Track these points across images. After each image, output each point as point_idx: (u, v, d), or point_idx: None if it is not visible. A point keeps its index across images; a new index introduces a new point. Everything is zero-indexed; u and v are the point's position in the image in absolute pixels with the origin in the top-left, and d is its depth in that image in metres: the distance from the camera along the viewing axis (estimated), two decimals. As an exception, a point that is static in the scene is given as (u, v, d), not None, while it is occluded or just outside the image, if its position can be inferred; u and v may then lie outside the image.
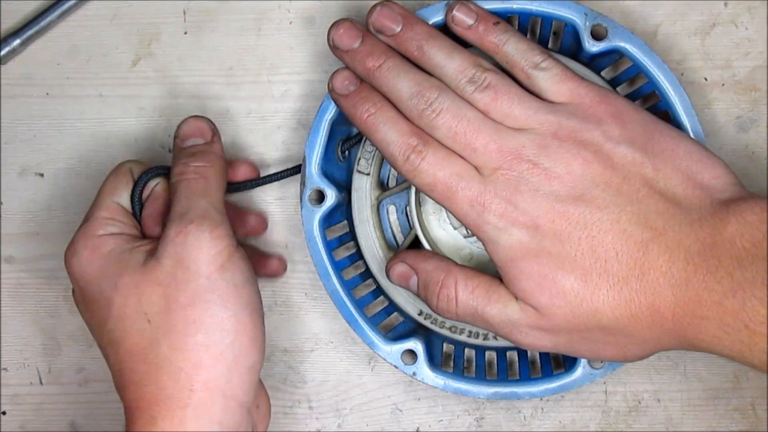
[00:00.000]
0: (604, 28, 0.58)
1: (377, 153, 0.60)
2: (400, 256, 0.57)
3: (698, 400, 0.63)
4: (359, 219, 0.60)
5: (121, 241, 0.55)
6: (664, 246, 0.51)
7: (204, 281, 0.53)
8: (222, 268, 0.53)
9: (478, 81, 0.54)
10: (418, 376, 0.59)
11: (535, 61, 0.54)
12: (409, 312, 0.60)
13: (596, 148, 0.53)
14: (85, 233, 0.56)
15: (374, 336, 0.59)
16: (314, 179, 0.59)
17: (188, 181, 0.56)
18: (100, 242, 0.55)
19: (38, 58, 0.65)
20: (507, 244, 0.53)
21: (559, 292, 0.52)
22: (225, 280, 0.53)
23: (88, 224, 0.56)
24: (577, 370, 0.58)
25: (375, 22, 0.56)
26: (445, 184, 0.53)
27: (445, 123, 0.53)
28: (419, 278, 0.56)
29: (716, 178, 0.53)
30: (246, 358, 0.54)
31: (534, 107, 0.54)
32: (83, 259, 0.55)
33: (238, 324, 0.53)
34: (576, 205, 0.52)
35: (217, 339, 0.53)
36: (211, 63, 0.65)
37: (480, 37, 0.56)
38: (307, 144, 0.59)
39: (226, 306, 0.53)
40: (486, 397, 0.59)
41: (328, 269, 0.60)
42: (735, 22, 0.63)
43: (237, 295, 0.53)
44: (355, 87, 0.56)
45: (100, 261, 0.55)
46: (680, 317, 0.50)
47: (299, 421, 0.64)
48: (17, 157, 0.65)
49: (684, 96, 0.58)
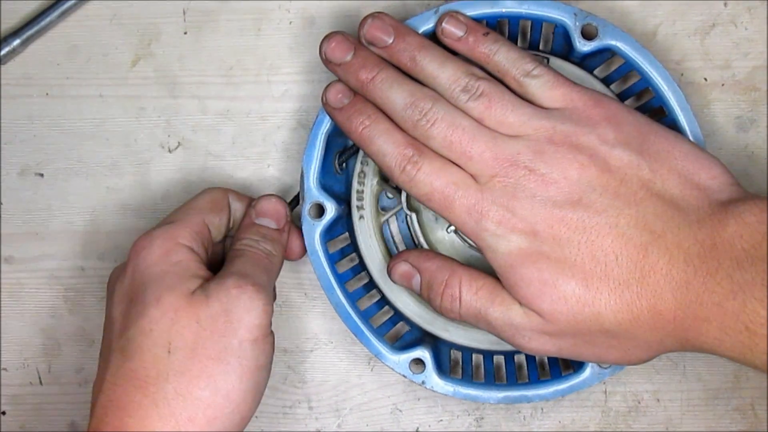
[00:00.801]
0: (594, 27, 0.58)
1: (371, 188, 0.60)
2: (403, 255, 0.57)
3: (698, 400, 0.63)
4: (360, 230, 0.60)
5: (191, 260, 0.55)
6: (663, 248, 0.51)
7: (236, 344, 0.53)
8: (255, 342, 0.53)
9: (472, 89, 0.54)
10: (427, 385, 0.59)
11: (526, 69, 0.54)
12: (416, 321, 0.60)
13: (592, 151, 0.53)
14: (168, 234, 0.55)
15: (381, 347, 0.59)
16: (313, 193, 0.59)
17: (256, 254, 0.56)
18: (175, 249, 0.55)
19: (38, 58, 0.65)
20: (506, 250, 0.53)
21: (561, 297, 0.52)
22: (254, 354, 0.53)
23: (175, 228, 0.56)
24: (585, 370, 0.58)
25: (367, 34, 0.56)
26: (442, 193, 0.53)
27: (440, 132, 0.54)
28: (422, 278, 0.56)
29: (713, 178, 0.53)
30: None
31: (528, 113, 0.53)
32: (154, 257, 0.55)
33: (243, 401, 0.53)
34: (574, 209, 0.52)
35: (220, 404, 0.52)
36: (211, 63, 0.65)
37: (470, 48, 0.56)
38: (304, 158, 0.59)
39: (242, 378, 0.53)
40: (496, 402, 0.59)
41: (332, 282, 0.59)
42: (735, 22, 0.63)
43: (256, 373, 0.53)
44: (348, 100, 0.56)
45: (165, 267, 0.54)
46: (681, 319, 0.50)
47: (299, 421, 0.64)
48: (17, 157, 0.65)
49: (678, 91, 0.58)
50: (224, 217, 0.59)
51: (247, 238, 0.57)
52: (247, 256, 0.56)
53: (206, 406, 0.52)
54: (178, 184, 0.64)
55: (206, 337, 0.52)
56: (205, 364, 0.52)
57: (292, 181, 0.64)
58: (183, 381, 0.52)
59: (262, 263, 0.56)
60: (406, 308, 0.60)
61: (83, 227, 0.64)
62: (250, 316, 0.53)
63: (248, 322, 0.53)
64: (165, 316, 0.52)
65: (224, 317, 0.53)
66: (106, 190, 0.65)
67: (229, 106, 0.64)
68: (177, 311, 0.53)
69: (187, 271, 0.54)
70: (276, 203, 0.59)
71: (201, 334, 0.52)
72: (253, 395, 0.53)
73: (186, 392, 0.52)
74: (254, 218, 0.58)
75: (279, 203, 0.59)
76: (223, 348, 0.52)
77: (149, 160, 0.65)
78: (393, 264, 0.57)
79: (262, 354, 0.54)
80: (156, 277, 0.54)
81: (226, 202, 0.59)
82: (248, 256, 0.56)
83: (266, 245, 0.57)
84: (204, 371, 0.52)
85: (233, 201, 0.60)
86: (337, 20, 0.64)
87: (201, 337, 0.52)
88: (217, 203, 0.59)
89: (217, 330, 0.52)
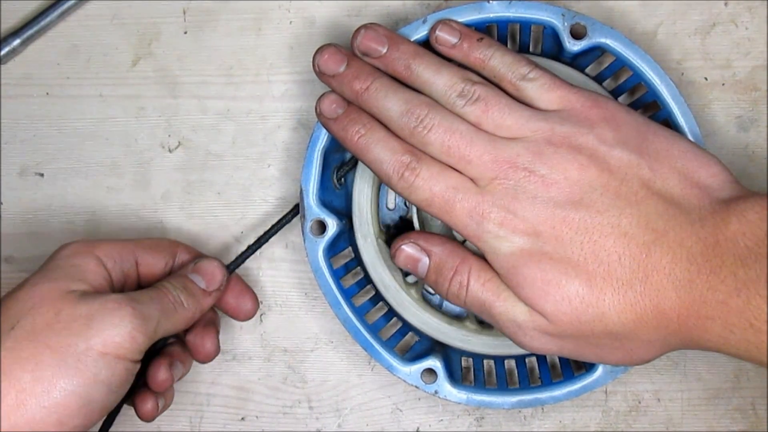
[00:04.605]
0: (583, 26, 0.58)
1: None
2: (411, 236, 0.56)
3: (698, 400, 0.63)
4: (363, 244, 0.60)
5: (91, 270, 0.55)
6: (666, 247, 0.51)
7: (83, 347, 0.51)
8: (104, 356, 0.52)
9: (468, 94, 0.54)
10: (440, 394, 0.59)
11: (522, 73, 0.54)
12: (426, 331, 0.60)
13: (591, 152, 0.53)
14: (90, 243, 0.57)
15: (392, 359, 0.59)
16: (313, 210, 0.59)
17: (164, 294, 0.55)
18: (84, 255, 0.56)
19: (38, 58, 0.65)
20: (508, 251, 0.53)
21: (564, 297, 0.52)
22: (96, 365, 0.51)
23: (100, 241, 0.57)
24: (597, 370, 0.58)
25: (360, 45, 0.56)
26: (442, 197, 0.53)
27: (438, 138, 0.53)
28: (432, 261, 0.55)
29: (713, 176, 0.53)
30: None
31: (526, 116, 0.53)
32: (64, 252, 0.56)
33: (64, 404, 0.51)
34: (576, 210, 0.52)
35: (38, 393, 0.51)
36: (211, 63, 0.65)
37: (465, 54, 0.56)
38: (303, 176, 0.59)
39: (72, 381, 0.51)
40: (510, 407, 0.59)
41: (338, 298, 0.59)
42: (735, 21, 0.63)
43: (92, 385, 0.51)
44: (343, 110, 0.56)
45: (63, 263, 0.55)
46: (685, 318, 0.50)
47: (299, 421, 0.64)
48: (17, 157, 0.65)
49: (670, 84, 0.58)
50: (160, 260, 0.59)
51: (169, 282, 0.57)
52: (154, 291, 0.56)
53: (21, 389, 0.51)
54: (178, 184, 0.64)
55: (56, 330, 0.52)
56: (40, 350, 0.51)
57: (292, 181, 0.64)
58: (10, 357, 0.51)
59: (165, 304, 0.55)
60: (414, 319, 0.60)
61: (83, 227, 0.64)
62: (111, 331, 0.52)
63: (107, 335, 0.52)
64: (30, 299, 0.53)
65: (85, 321, 0.52)
66: (106, 190, 0.65)
67: (229, 105, 0.64)
68: (42, 299, 0.53)
69: (78, 274, 0.54)
70: (215, 268, 0.58)
71: (53, 326, 0.52)
72: (79, 405, 0.51)
73: (8, 368, 0.51)
74: (188, 272, 0.58)
75: (218, 269, 0.58)
76: (67, 345, 0.51)
77: (149, 160, 0.64)
78: (399, 245, 0.56)
79: (107, 370, 0.52)
80: (50, 267, 0.55)
81: (170, 250, 0.59)
82: (155, 293, 0.55)
83: (182, 295, 0.56)
84: (36, 356, 0.51)
85: (181, 253, 0.60)
86: (337, 20, 0.64)
87: (52, 328, 0.52)
88: (159, 246, 0.59)
89: (71, 329, 0.52)
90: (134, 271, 0.58)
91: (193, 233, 0.64)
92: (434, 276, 0.55)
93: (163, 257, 0.59)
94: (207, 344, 0.58)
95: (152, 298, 0.55)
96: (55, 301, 0.53)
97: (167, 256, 0.59)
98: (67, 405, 0.51)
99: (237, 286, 0.60)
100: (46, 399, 0.51)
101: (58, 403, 0.51)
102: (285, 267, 0.64)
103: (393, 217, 0.61)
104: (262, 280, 0.64)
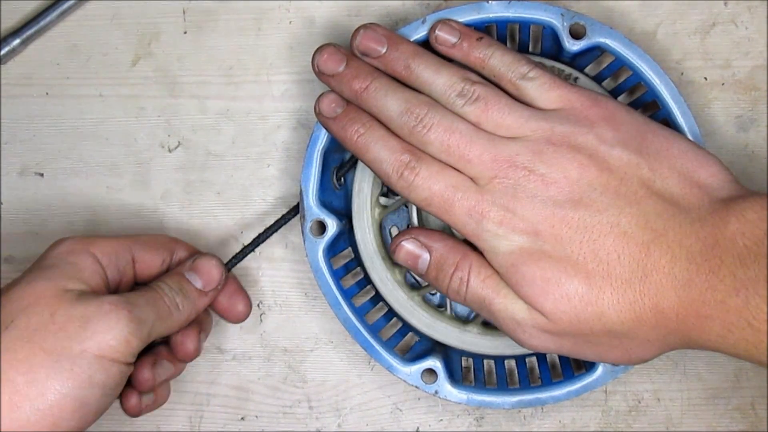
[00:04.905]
0: (582, 26, 0.58)
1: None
2: (412, 232, 0.56)
3: (698, 399, 0.63)
4: (363, 245, 0.60)
5: (88, 267, 0.55)
6: (665, 247, 0.51)
7: (77, 350, 0.51)
8: (99, 359, 0.52)
9: (468, 94, 0.54)
10: (440, 394, 0.59)
11: (522, 72, 0.54)
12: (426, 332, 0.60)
13: (591, 151, 0.53)
14: (85, 239, 0.56)
15: (392, 359, 0.59)
16: (313, 211, 0.59)
17: (160, 297, 0.55)
18: (80, 253, 0.55)
19: (38, 58, 0.65)
20: (507, 250, 0.53)
21: (564, 296, 0.52)
22: (91, 368, 0.51)
23: (95, 238, 0.57)
24: (597, 369, 0.58)
25: (360, 45, 0.56)
26: (442, 196, 0.53)
27: (438, 137, 0.53)
28: (432, 257, 0.55)
29: (712, 176, 0.53)
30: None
31: (525, 115, 0.53)
32: (59, 250, 0.55)
33: (59, 407, 0.51)
34: (575, 209, 0.52)
35: (32, 396, 0.50)
36: (211, 63, 0.65)
37: (465, 54, 0.56)
38: (302, 177, 0.59)
39: (67, 384, 0.51)
40: (510, 407, 0.59)
41: (338, 298, 0.59)
42: (735, 21, 0.63)
43: (86, 388, 0.51)
44: (342, 109, 0.56)
45: (58, 261, 0.55)
46: (684, 317, 0.50)
47: (299, 421, 0.64)
48: (17, 157, 0.65)
49: (669, 83, 0.58)
50: (157, 258, 0.58)
51: (165, 283, 0.56)
52: (150, 293, 0.55)
53: (15, 392, 0.51)
54: (178, 184, 0.64)
55: (51, 331, 0.51)
56: (35, 353, 0.51)
57: (292, 181, 0.64)
58: (4, 359, 0.51)
59: (160, 308, 0.55)
60: (414, 319, 0.60)
61: (83, 227, 0.64)
62: (107, 334, 0.52)
63: (102, 337, 0.52)
64: (25, 298, 0.53)
65: (80, 323, 0.52)
66: (106, 190, 0.65)
67: (229, 105, 0.64)
68: (38, 298, 0.52)
69: (75, 273, 0.54)
70: (213, 266, 0.58)
71: (48, 327, 0.52)
72: (74, 408, 0.51)
73: (2, 371, 0.51)
74: (185, 270, 0.58)
75: (216, 267, 0.58)
76: (62, 347, 0.51)
77: (149, 159, 0.64)
78: (400, 241, 0.56)
79: (102, 372, 0.52)
80: (46, 265, 0.55)
81: (168, 247, 0.59)
82: (150, 295, 0.55)
83: (178, 297, 0.56)
84: (31, 359, 0.51)
85: (179, 250, 0.59)
86: (337, 20, 0.64)
87: (47, 329, 0.52)
88: (156, 243, 0.59)
89: (67, 330, 0.52)
90: (131, 268, 0.58)
91: (192, 233, 0.64)
92: (435, 272, 0.55)
93: (161, 254, 0.59)
94: (188, 344, 0.58)
95: (148, 301, 0.55)
96: (51, 300, 0.52)
97: (164, 253, 0.59)
98: (62, 408, 0.51)
99: (231, 286, 0.60)
100: (41, 402, 0.51)
101: (52, 406, 0.51)
102: (285, 267, 0.64)
103: (395, 221, 0.61)
104: (262, 280, 0.64)
